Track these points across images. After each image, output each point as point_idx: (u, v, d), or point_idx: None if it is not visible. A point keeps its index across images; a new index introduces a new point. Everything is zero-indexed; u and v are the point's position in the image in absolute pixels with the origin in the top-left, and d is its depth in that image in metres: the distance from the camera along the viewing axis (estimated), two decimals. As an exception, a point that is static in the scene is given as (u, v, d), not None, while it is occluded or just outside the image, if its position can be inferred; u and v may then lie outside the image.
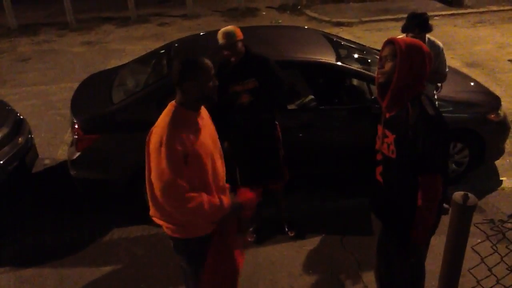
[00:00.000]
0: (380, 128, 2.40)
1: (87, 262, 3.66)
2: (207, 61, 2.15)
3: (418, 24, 3.65)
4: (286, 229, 3.88)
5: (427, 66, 2.22)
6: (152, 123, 2.22)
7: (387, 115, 2.34)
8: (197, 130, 2.17)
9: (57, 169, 4.95)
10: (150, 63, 4.78)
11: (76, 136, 3.96)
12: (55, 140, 5.57)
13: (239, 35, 3.22)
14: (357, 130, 4.10)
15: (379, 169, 2.44)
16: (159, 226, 2.32)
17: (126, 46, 9.33)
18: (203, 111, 2.32)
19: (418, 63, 2.19)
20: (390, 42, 2.26)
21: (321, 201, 4.31)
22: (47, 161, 5.10)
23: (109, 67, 6.17)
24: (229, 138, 3.44)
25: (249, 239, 3.79)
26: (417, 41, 2.28)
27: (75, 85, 4.97)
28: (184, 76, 2.10)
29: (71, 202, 4.37)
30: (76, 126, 3.96)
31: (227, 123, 3.40)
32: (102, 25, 11.04)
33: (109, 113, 4.05)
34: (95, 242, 3.88)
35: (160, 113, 2.21)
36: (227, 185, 2.49)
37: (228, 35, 3.18)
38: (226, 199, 2.27)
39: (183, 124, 2.12)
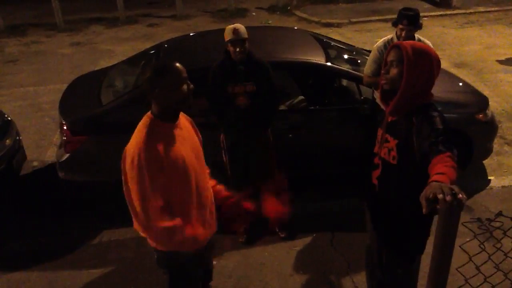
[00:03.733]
0: (380, 132, 2.30)
1: (76, 265, 3.62)
2: (177, 65, 2.04)
3: (407, 16, 3.61)
4: (277, 230, 3.88)
5: (435, 72, 2.10)
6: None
7: (389, 119, 2.24)
8: (174, 142, 2.07)
9: (46, 171, 4.89)
10: (139, 64, 4.75)
11: (65, 138, 3.93)
12: (44, 142, 5.52)
13: (247, 34, 3.28)
14: (347, 131, 4.12)
15: (376, 173, 2.33)
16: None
17: (115, 47, 9.27)
18: (184, 123, 2.22)
19: (426, 70, 2.07)
20: (397, 46, 2.12)
21: (311, 202, 4.32)
22: (35, 163, 5.05)
23: (98, 68, 6.13)
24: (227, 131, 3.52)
25: (240, 240, 3.80)
26: (425, 46, 2.15)
27: (64, 87, 4.93)
28: (152, 83, 2.01)
29: (60, 204, 4.32)
30: (65, 128, 3.94)
31: (224, 119, 3.49)
32: (90, 26, 10.95)
33: (98, 114, 4.02)
34: (84, 245, 3.84)
35: None
36: (214, 182, 2.49)
37: (238, 31, 3.24)
38: (203, 233, 2.20)
39: (159, 138, 2.02)
